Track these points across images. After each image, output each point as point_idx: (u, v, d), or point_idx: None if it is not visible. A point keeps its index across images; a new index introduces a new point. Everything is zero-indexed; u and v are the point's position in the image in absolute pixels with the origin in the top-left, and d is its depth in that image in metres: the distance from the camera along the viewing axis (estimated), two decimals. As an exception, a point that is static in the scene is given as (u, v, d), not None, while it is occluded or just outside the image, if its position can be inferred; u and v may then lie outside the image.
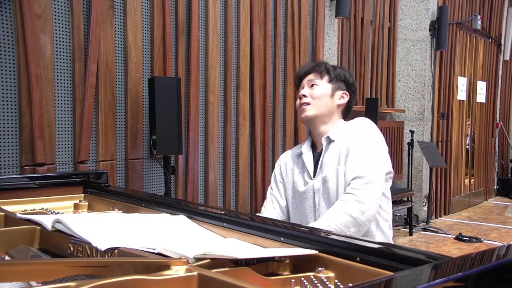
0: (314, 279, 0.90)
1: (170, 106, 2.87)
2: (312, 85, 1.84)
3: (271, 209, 1.91)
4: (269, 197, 1.95)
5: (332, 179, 1.73)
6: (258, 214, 1.97)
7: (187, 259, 0.88)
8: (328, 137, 1.80)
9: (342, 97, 1.86)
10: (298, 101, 1.87)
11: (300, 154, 1.89)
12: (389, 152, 1.81)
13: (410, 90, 6.07)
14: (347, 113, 1.90)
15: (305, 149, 1.89)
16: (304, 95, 1.84)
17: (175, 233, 1.21)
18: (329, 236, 1.06)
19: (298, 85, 1.92)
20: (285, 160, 1.95)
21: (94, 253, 1.05)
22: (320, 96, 1.82)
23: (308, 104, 1.82)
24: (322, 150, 1.81)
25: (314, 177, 1.81)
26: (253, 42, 3.80)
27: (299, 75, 1.91)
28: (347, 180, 1.68)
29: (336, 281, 0.93)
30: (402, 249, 0.96)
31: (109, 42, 2.86)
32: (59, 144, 2.68)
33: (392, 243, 1.72)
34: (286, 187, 1.92)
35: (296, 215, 1.85)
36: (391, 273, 0.84)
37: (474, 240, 5.02)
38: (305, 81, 1.87)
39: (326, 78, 1.85)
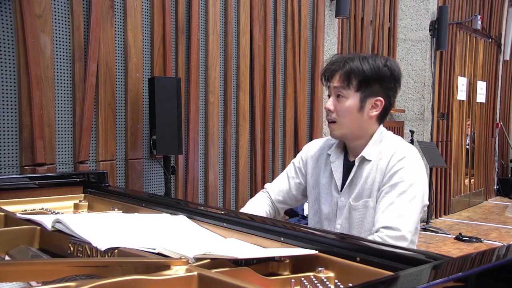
0: (314, 279, 0.90)
1: (170, 106, 2.87)
2: (338, 95, 1.57)
3: (276, 191, 1.77)
4: (285, 179, 1.79)
5: (360, 210, 1.57)
6: (266, 184, 1.83)
7: (187, 259, 0.87)
8: (362, 157, 1.59)
9: (374, 106, 1.58)
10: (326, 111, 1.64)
11: (328, 156, 1.69)
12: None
13: (410, 90, 6.07)
14: (385, 116, 1.64)
15: (335, 153, 1.68)
16: (329, 110, 1.59)
17: (175, 233, 1.21)
18: (329, 236, 1.06)
19: (326, 84, 1.65)
20: (315, 153, 1.74)
21: (94, 253, 1.05)
22: (346, 112, 1.57)
23: (334, 122, 1.59)
24: (354, 162, 1.62)
25: (341, 191, 1.62)
26: (253, 42, 3.80)
27: (326, 75, 1.62)
28: (376, 222, 1.50)
29: (336, 281, 0.93)
30: (402, 249, 0.96)
31: (109, 42, 2.86)
32: (59, 144, 2.68)
33: None
34: (309, 183, 1.74)
35: (314, 217, 1.71)
36: (391, 273, 0.84)
37: (474, 240, 5.02)
38: (332, 86, 1.59)
39: (354, 84, 1.55)
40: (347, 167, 1.64)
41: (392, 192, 1.50)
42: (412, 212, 1.49)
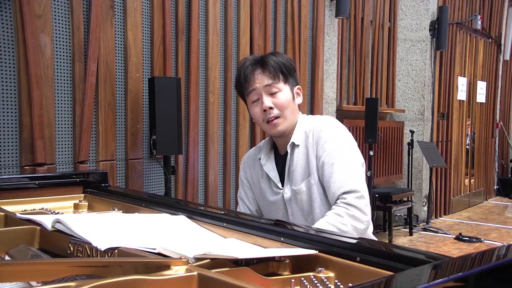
0: (314, 279, 0.90)
1: (170, 106, 2.87)
2: (272, 93, 1.61)
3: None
4: (240, 202, 1.83)
5: (304, 191, 1.61)
6: None
7: (187, 259, 0.88)
8: (292, 143, 1.65)
9: (298, 94, 1.69)
10: (260, 114, 1.62)
11: (260, 161, 1.74)
12: (389, 153, 1.73)
13: (410, 90, 6.07)
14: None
15: (265, 155, 1.72)
16: (270, 107, 1.60)
17: (175, 233, 1.21)
18: (329, 236, 1.06)
19: (246, 91, 1.65)
20: (249, 163, 1.80)
21: (94, 253, 1.05)
22: (286, 103, 1.62)
23: (278, 117, 1.62)
24: (285, 154, 1.67)
25: (282, 186, 1.67)
26: (253, 42, 3.80)
27: (247, 80, 1.63)
28: (333, 194, 1.54)
29: (336, 281, 0.93)
30: (402, 249, 0.96)
31: (109, 42, 2.86)
32: (59, 144, 2.68)
33: (373, 237, 1.67)
34: (255, 192, 1.79)
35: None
36: (391, 273, 0.84)
37: (474, 240, 5.03)
38: (259, 87, 1.61)
39: (281, 78, 1.62)
40: (281, 162, 1.69)
41: (330, 161, 1.56)
42: (357, 171, 1.57)
